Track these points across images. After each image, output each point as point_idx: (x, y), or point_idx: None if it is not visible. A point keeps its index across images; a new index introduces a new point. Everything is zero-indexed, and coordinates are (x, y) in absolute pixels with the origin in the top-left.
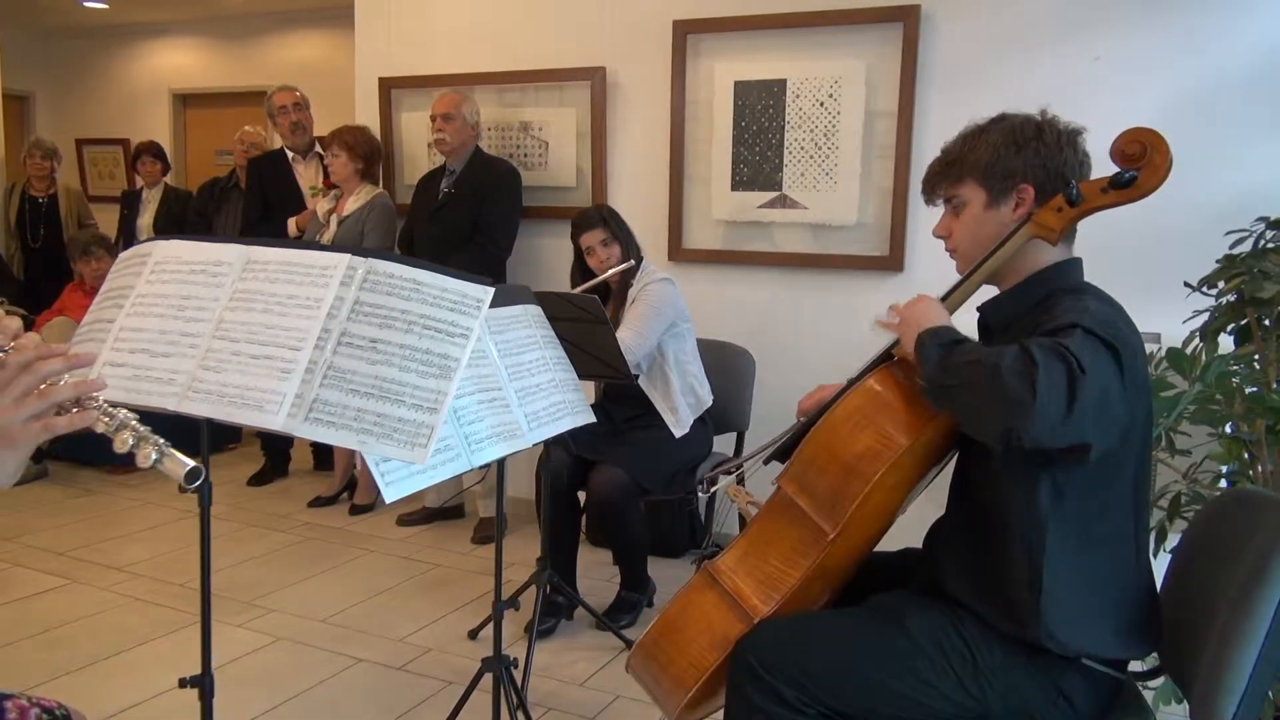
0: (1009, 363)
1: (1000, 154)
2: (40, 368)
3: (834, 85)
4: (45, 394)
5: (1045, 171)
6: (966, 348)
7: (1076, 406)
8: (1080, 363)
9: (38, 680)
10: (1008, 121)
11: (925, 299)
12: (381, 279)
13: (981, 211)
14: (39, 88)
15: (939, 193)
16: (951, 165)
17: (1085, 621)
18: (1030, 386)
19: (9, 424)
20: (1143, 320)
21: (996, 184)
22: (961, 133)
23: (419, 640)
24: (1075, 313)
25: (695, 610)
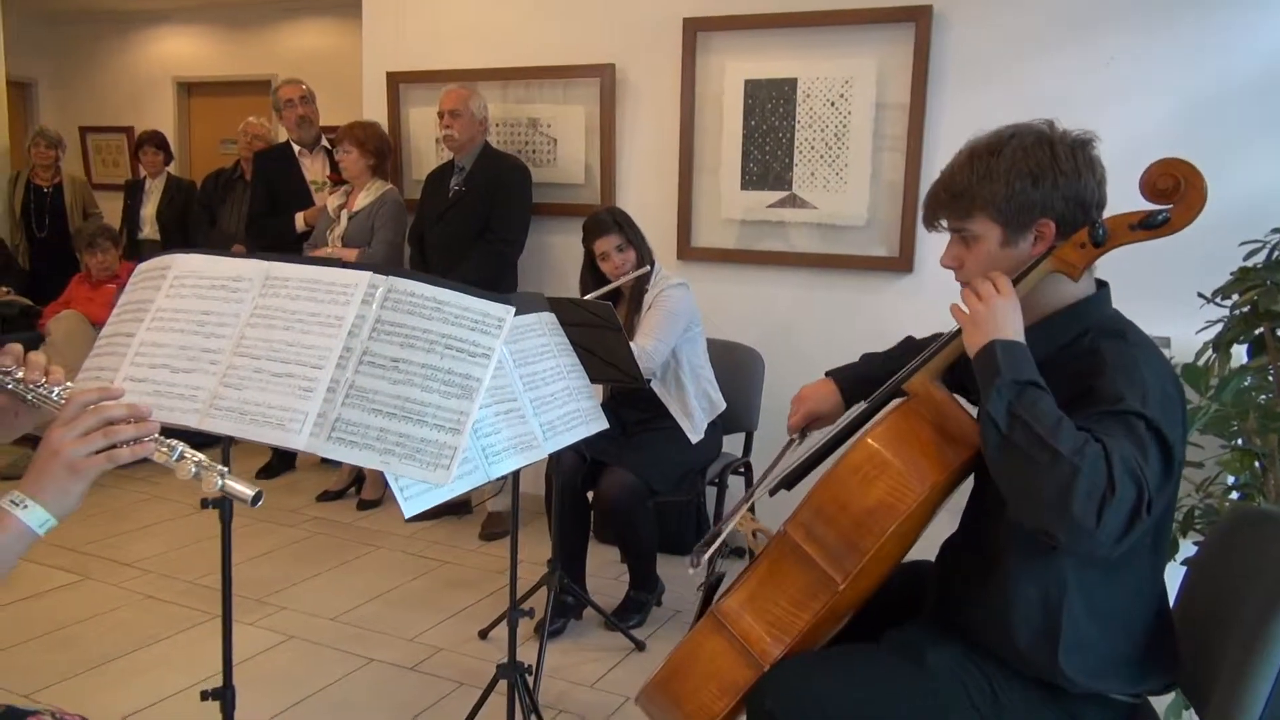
0: (1087, 474)
1: (1015, 188)
2: (104, 411)
3: (845, 85)
4: (110, 432)
5: (1066, 203)
6: (1041, 407)
7: (1129, 538)
8: (1150, 496)
9: (49, 681)
10: (1017, 143)
11: (1007, 299)
12: (403, 298)
13: (998, 249)
14: (42, 75)
15: (942, 222)
16: (959, 198)
17: (1105, 666)
18: (1098, 514)
19: (75, 457)
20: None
21: (1014, 220)
22: (968, 153)
23: (430, 640)
24: (1134, 386)
25: (703, 654)
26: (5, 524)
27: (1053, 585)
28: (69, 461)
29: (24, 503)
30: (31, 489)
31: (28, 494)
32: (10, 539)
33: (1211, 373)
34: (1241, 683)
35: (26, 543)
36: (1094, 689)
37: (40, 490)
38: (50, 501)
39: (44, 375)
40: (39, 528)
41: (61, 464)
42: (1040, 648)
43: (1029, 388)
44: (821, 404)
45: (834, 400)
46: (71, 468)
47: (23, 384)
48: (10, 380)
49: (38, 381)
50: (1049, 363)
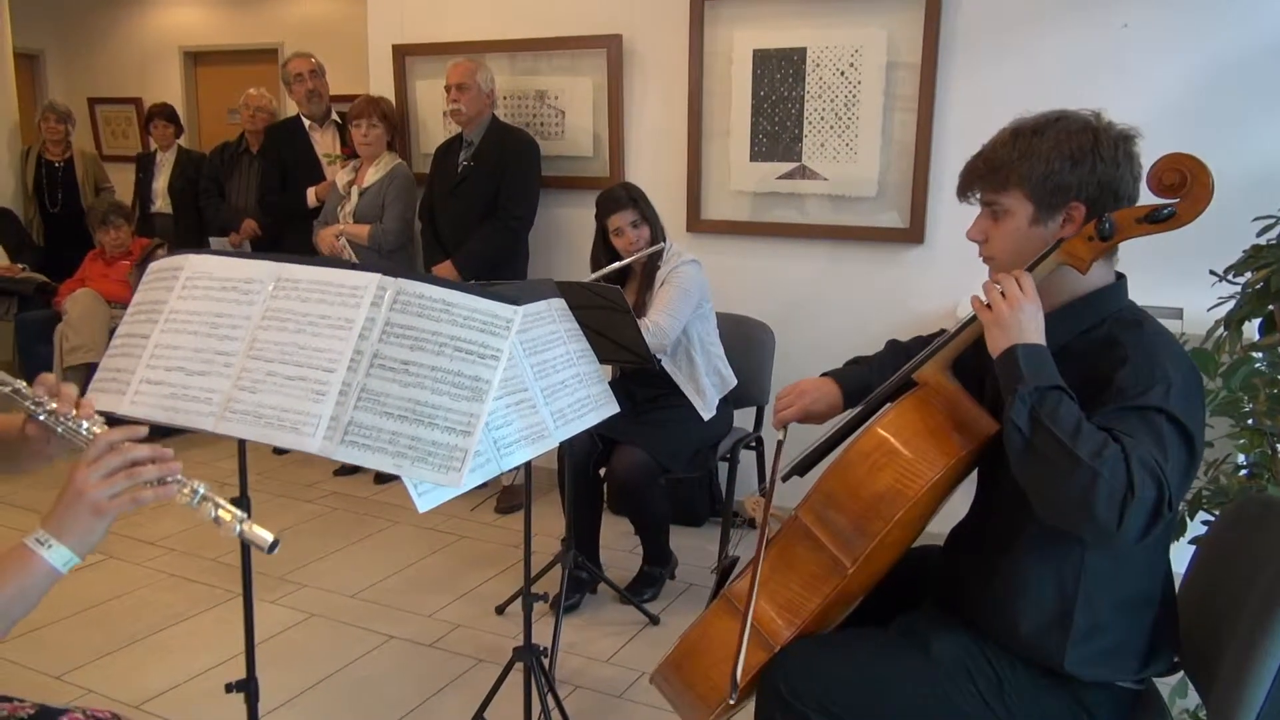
0: (1108, 478)
1: (1055, 167)
2: (127, 451)
3: (855, 54)
4: (133, 473)
5: (1100, 189)
6: (1063, 411)
7: (1151, 534)
8: (1171, 495)
9: (80, 661)
10: (1062, 125)
11: (1032, 302)
12: (412, 300)
13: (1026, 226)
14: (49, 46)
15: (977, 193)
16: (997, 170)
17: (1114, 654)
18: (1119, 515)
19: (99, 499)
20: (1165, 295)
21: (1047, 199)
22: (1012, 130)
23: (448, 616)
24: (1156, 378)
25: (716, 635)
26: (30, 564)
27: (1068, 573)
28: (93, 503)
29: (49, 542)
30: (55, 528)
31: (52, 533)
32: (36, 579)
33: (1223, 350)
34: (1246, 669)
35: (51, 582)
36: (1101, 678)
37: (64, 531)
38: (74, 542)
39: (74, 407)
40: (63, 567)
41: (86, 505)
42: (1050, 635)
43: (1050, 392)
44: (819, 404)
45: (833, 400)
46: (96, 509)
47: (54, 416)
48: (42, 411)
49: (68, 414)
50: (1066, 349)
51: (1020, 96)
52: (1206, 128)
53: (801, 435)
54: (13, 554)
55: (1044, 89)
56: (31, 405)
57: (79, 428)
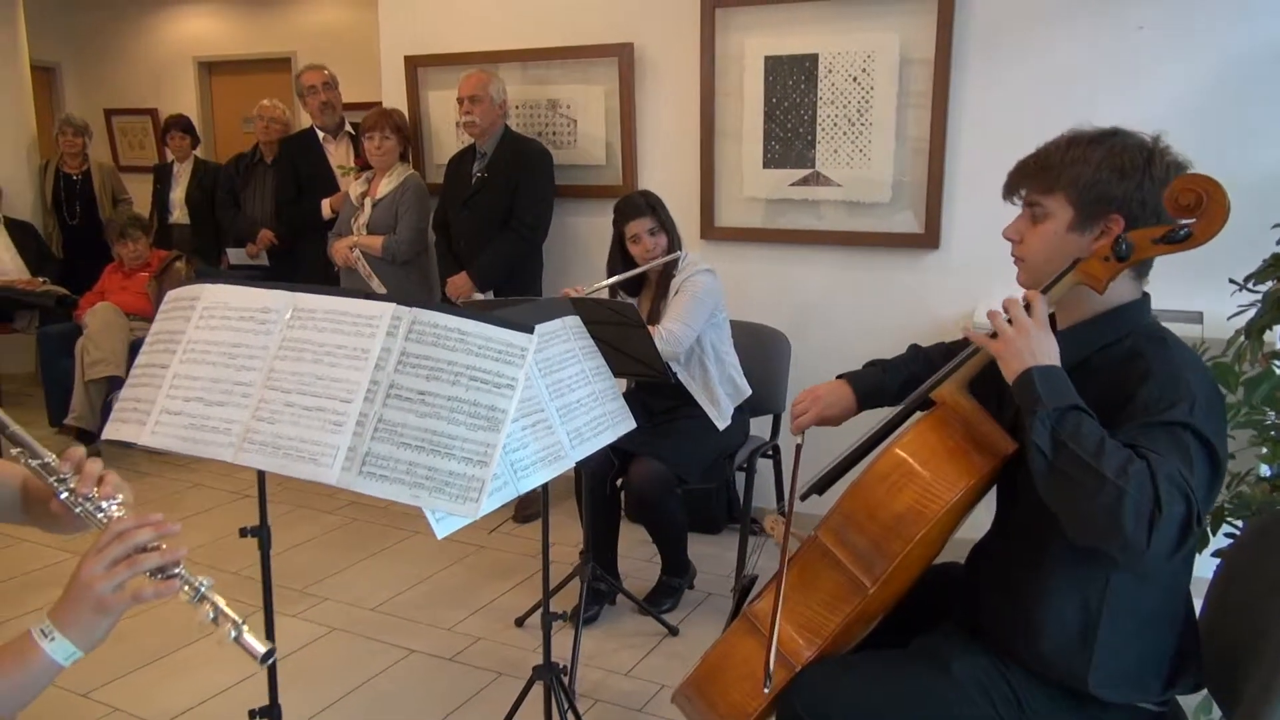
0: (1134, 495)
1: (1103, 176)
2: (131, 537)
3: (867, 59)
4: (134, 562)
5: (1143, 207)
6: (1084, 430)
7: (1182, 550)
8: (1199, 509)
9: (106, 679)
10: (1119, 140)
11: (1039, 325)
12: (426, 329)
13: (1064, 231)
14: (65, 58)
15: (1021, 194)
16: (1046, 171)
17: (1137, 673)
18: (1148, 533)
19: (102, 594)
20: (1184, 299)
21: (1088, 208)
22: (1070, 136)
23: (468, 629)
24: (1180, 393)
25: (737, 655)
26: (32, 657)
27: (1092, 592)
28: (96, 599)
29: (52, 634)
30: (60, 620)
31: (56, 625)
32: (37, 673)
33: (1244, 358)
34: (1274, 688)
35: (52, 675)
36: (1124, 699)
37: (68, 624)
38: (77, 636)
39: (96, 486)
40: (64, 660)
41: (90, 600)
42: (1073, 655)
43: (1070, 412)
44: (833, 408)
45: (847, 403)
46: (99, 605)
47: (73, 495)
48: (64, 489)
49: (88, 494)
50: (1087, 364)
51: (1036, 97)
52: (1224, 131)
53: (820, 440)
54: (17, 643)
55: (1059, 91)
56: (55, 482)
57: (96, 510)
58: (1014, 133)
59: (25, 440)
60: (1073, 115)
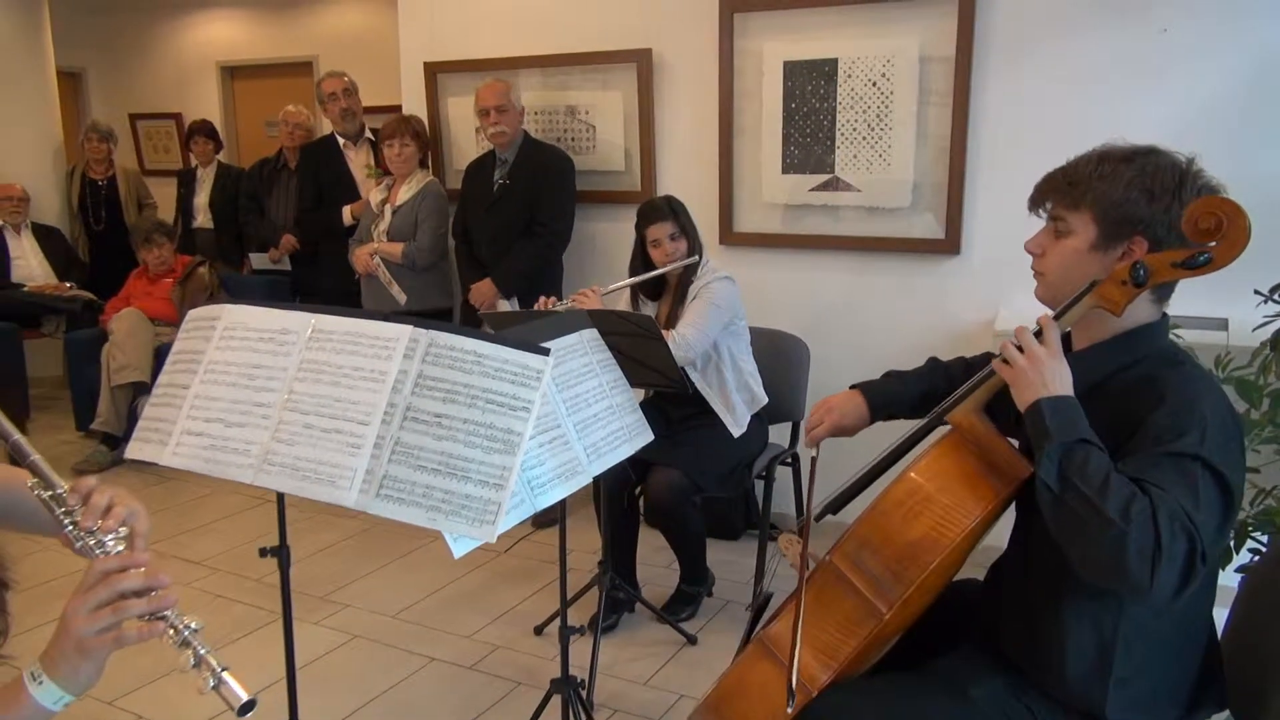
0: (1135, 536)
1: (1131, 196)
2: (117, 581)
3: (887, 64)
4: (119, 608)
5: (1168, 231)
6: (1090, 466)
7: (1187, 589)
8: (1203, 547)
9: (131, 687)
10: (1152, 160)
11: (1051, 354)
12: (443, 352)
13: (1086, 250)
14: (90, 64)
15: (1048, 207)
16: (1074, 186)
17: (1156, 701)
18: (1150, 573)
19: (83, 636)
20: (1210, 306)
21: (1113, 228)
22: (1101, 152)
23: (487, 637)
24: (1193, 422)
25: (753, 679)
26: (21, 701)
27: (1106, 619)
28: (77, 641)
29: (40, 678)
30: (48, 664)
31: (44, 668)
32: (29, 718)
33: (1269, 370)
34: None
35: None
36: None
37: (54, 666)
38: (63, 679)
39: (100, 518)
40: (54, 705)
41: (72, 642)
42: (1091, 683)
43: (1078, 446)
44: (847, 418)
45: (860, 414)
46: (80, 648)
47: (75, 528)
48: (68, 522)
49: (91, 527)
50: (1102, 386)
51: (1058, 100)
52: (1248, 135)
53: (836, 455)
54: (12, 687)
55: (1081, 94)
56: (61, 514)
57: (97, 547)
58: (1036, 135)
59: (43, 471)
60: (1095, 118)
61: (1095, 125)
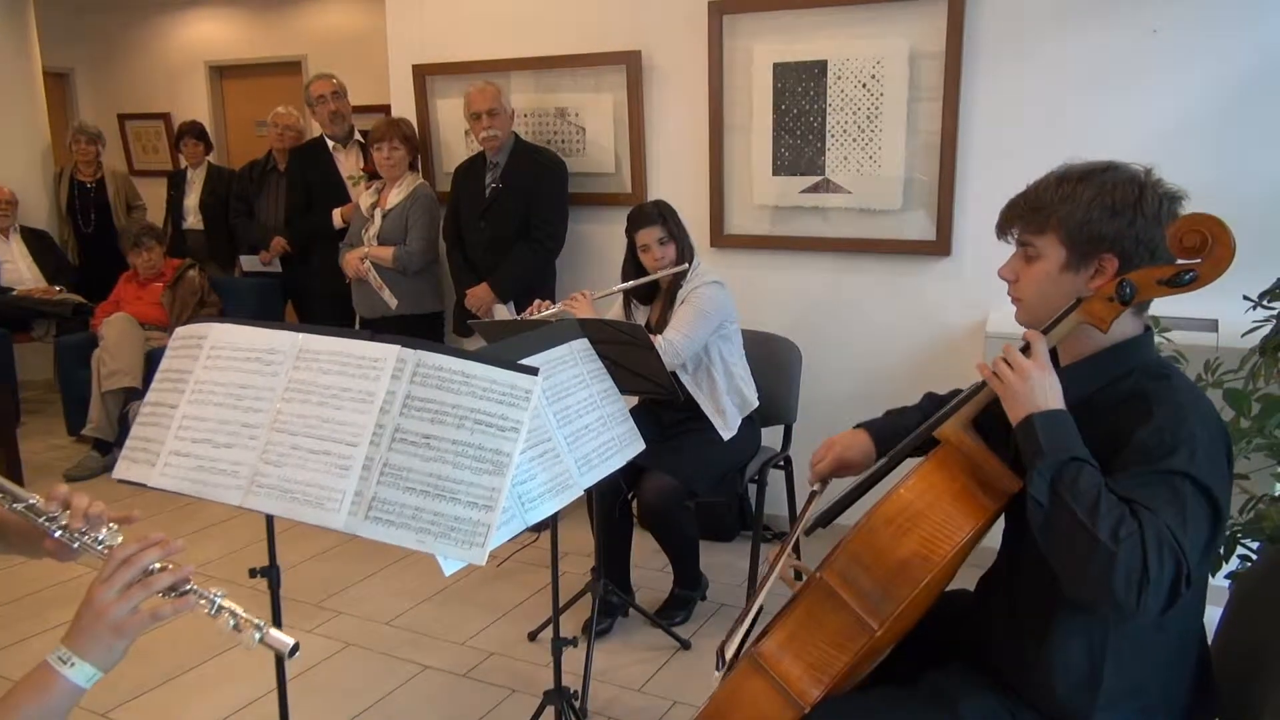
0: (1124, 559)
1: (1093, 215)
2: (138, 560)
3: (876, 65)
4: (147, 584)
5: (1136, 244)
6: (1081, 485)
7: (1173, 609)
8: (1189, 570)
9: (127, 697)
10: (1109, 176)
11: (1039, 366)
12: (431, 372)
13: (1057, 273)
14: (78, 64)
15: (1014, 233)
16: (1037, 212)
17: (1147, 716)
18: (1138, 597)
19: (119, 618)
20: (1201, 306)
21: (1080, 247)
22: (1060, 174)
23: (481, 644)
24: (1181, 439)
25: (745, 696)
26: (53, 684)
27: (1095, 633)
28: (114, 623)
29: (70, 660)
30: (77, 647)
31: (74, 651)
32: (59, 698)
33: (1259, 376)
34: None
35: (75, 699)
36: None
37: (86, 650)
38: (97, 659)
39: (84, 519)
40: (86, 683)
41: (107, 626)
42: (1080, 698)
43: (1069, 464)
44: (851, 451)
45: (865, 449)
46: (116, 629)
47: (68, 531)
48: (56, 527)
49: (82, 528)
50: (1091, 402)
51: (1049, 100)
52: (1240, 135)
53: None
54: (35, 674)
55: (1072, 94)
56: (45, 522)
57: (95, 542)
58: (1027, 134)
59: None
60: (1085, 117)
61: (1086, 124)
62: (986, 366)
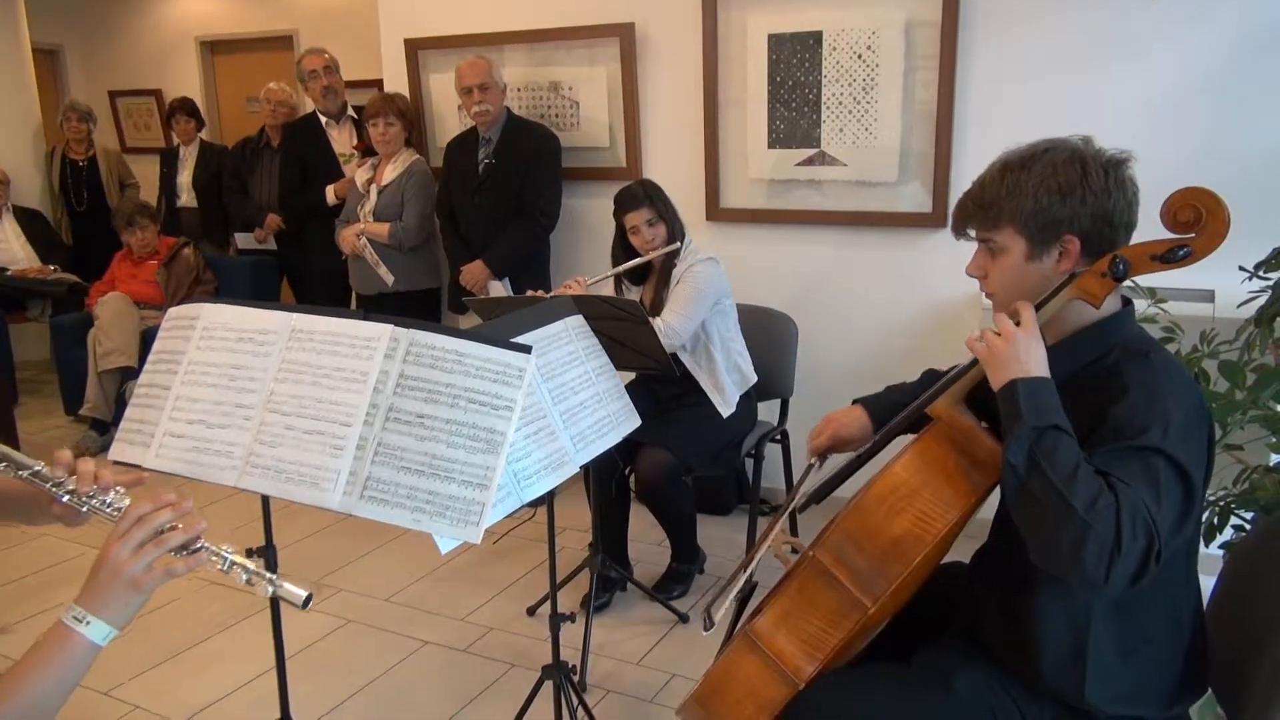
0: (1098, 531)
1: (1044, 203)
2: (152, 519)
3: (872, 35)
4: (160, 542)
5: (1092, 220)
6: (1060, 454)
7: (1139, 583)
8: (1160, 545)
9: (129, 675)
10: (1049, 158)
11: (1027, 332)
12: (424, 351)
13: (1022, 263)
14: (67, 41)
15: (970, 232)
16: (987, 209)
17: (1136, 692)
18: (1106, 571)
19: (135, 574)
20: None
21: (1038, 234)
22: (1001, 165)
23: (480, 619)
24: (1155, 416)
25: (739, 673)
26: (71, 643)
27: (1079, 612)
28: (130, 579)
29: (86, 618)
30: (93, 605)
31: (89, 609)
32: (78, 655)
33: (1254, 347)
34: (1276, 703)
35: (93, 656)
36: (1126, 713)
37: (102, 606)
38: (113, 616)
39: (94, 482)
40: (103, 640)
41: (123, 582)
42: (1067, 676)
43: (1048, 432)
44: (849, 428)
45: (862, 425)
46: (132, 584)
47: (76, 495)
48: (64, 492)
49: (90, 491)
50: (1072, 381)
51: (1046, 67)
52: (1239, 102)
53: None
54: (52, 634)
55: (1070, 61)
56: (53, 488)
57: (104, 505)
58: (1023, 104)
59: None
60: (1083, 87)
61: (1083, 92)
62: (975, 340)
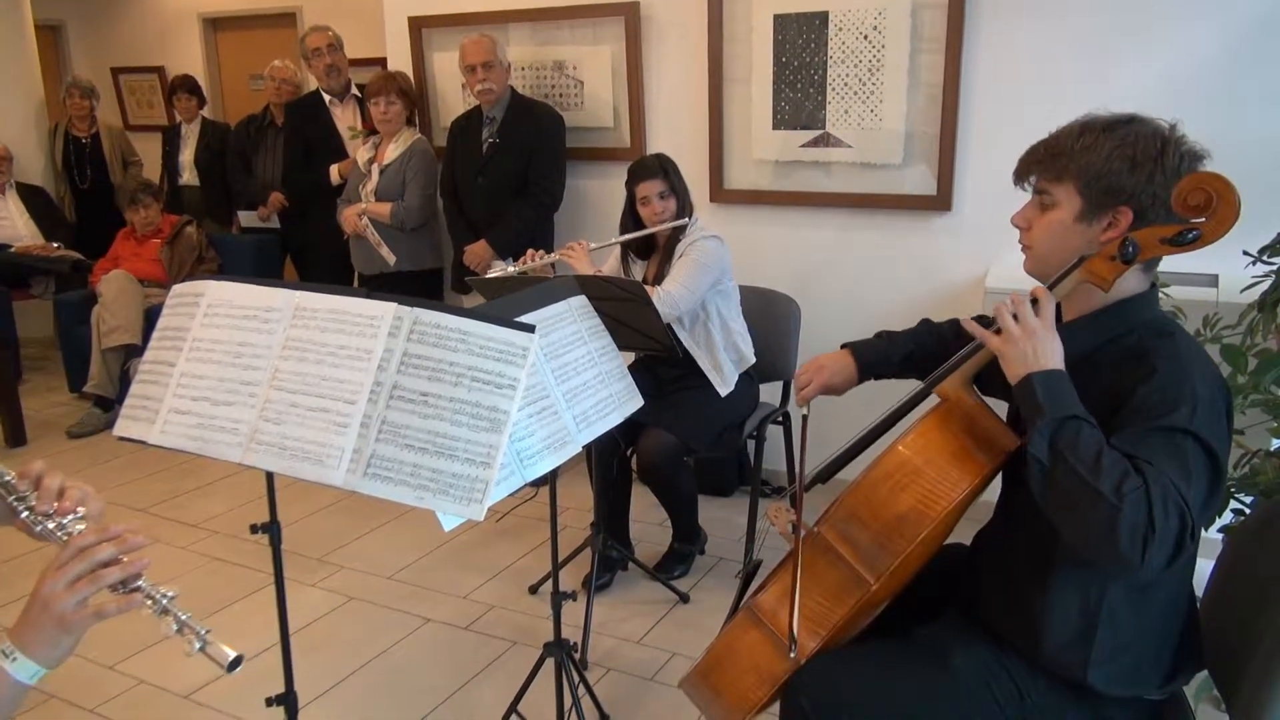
0: (1128, 513)
1: (1113, 167)
2: (93, 553)
3: (878, 16)
4: (95, 578)
5: (1153, 200)
6: (1082, 442)
7: (1177, 562)
8: (1194, 525)
9: (131, 651)
10: (1133, 128)
11: (1045, 327)
12: (428, 329)
13: (1071, 222)
14: (70, 17)
15: (1032, 180)
16: (1056, 158)
17: (1138, 669)
18: (1142, 551)
19: (63, 611)
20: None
21: (1096, 198)
22: (1083, 123)
23: (482, 597)
24: (1183, 397)
25: (742, 647)
26: None
27: (1093, 591)
28: (58, 615)
29: (13, 655)
30: (20, 640)
31: (17, 645)
32: (3, 696)
33: (1256, 331)
34: (1274, 673)
35: (18, 694)
36: (1124, 693)
37: (29, 643)
38: (41, 654)
39: (56, 500)
40: (29, 679)
41: (51, 618)
42: (1072, 654)
43: (1069, 422)
44: (837, 375)
45: (849, 373)
46: (60, 622)
47: (33, 513)
48: (23, 508)
49: (47, 510)
50: (1093, 357)
51: (1052, 51)
52: (1247, 89)
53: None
54: None
55: (1076, 45)
56: (14, 501)
57: (57, 529)
58: (1029, 87)
59: None
60: (1090, 70)
61: (1090, 75)
62: (978, 327)
